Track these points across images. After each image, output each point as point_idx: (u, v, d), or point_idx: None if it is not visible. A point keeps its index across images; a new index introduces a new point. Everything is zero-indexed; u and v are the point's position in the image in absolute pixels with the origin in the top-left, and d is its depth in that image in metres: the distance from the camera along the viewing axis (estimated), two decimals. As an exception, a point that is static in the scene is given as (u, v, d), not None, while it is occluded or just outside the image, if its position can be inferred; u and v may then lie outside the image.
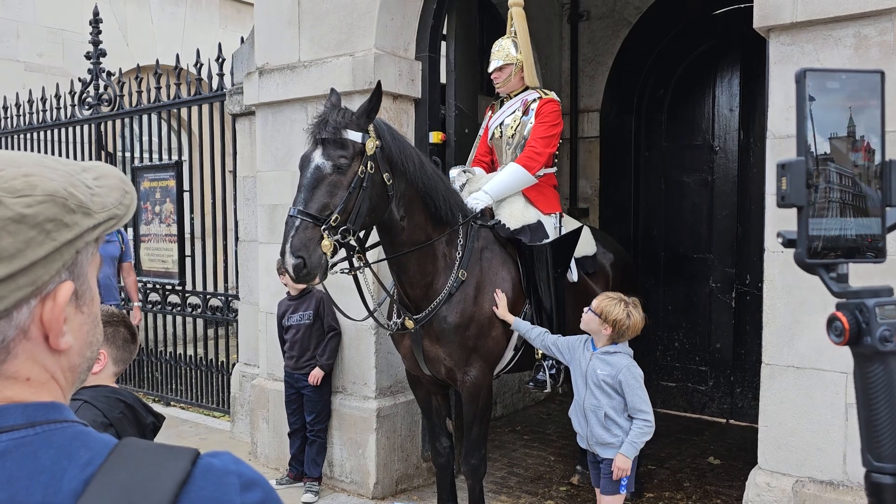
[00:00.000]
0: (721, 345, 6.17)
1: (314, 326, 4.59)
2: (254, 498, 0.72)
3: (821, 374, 3.01)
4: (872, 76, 0.74)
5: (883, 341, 0.70)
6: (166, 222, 6.58)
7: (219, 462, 0.73)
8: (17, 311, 0.70)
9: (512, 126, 4.11)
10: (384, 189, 3.24)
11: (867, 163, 0.73)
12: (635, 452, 3.27)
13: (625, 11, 6.53)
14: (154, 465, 0.70)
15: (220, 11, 11.23)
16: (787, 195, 0.73)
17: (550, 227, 3.92)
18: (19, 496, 0.65)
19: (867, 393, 0.72)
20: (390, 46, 4.49)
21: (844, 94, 0.73)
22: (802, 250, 0.73)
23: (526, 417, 6.33)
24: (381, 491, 4.53)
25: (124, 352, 2.15)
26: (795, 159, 0.72)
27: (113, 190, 0.79)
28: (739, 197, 6.02)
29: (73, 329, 0.75)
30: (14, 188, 0.69)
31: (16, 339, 0.71)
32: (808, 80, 0.72)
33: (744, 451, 5.20)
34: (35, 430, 0.69)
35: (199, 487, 0.69)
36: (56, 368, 0.75)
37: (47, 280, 0.71)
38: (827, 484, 3.03)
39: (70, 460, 0.68)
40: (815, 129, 0.72)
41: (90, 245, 0.77)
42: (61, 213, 0.72)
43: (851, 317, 0.72)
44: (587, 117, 6.74)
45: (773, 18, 3.03)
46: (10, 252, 0.68)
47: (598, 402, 3.28)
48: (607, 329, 3.25)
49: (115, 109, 6.98)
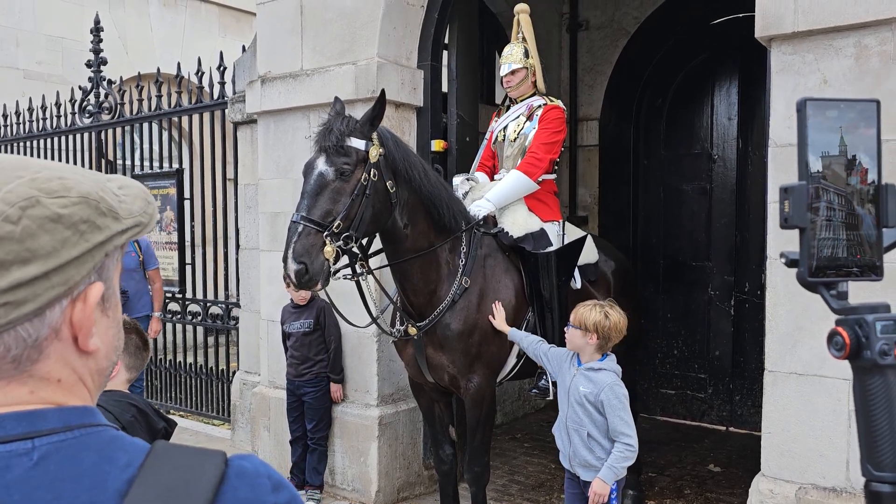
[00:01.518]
0: (720, 352, 6.19)
1: (313, 334, 4.58)
2: (283, 499, 0.75)
3: (823, 380, 3.03)
4: (869, 105, 0.79)
5: (882, 355, 0.74)
6: (167, 230, 6.58)
7: (249, 464, 0.76)
8: (50, 310, 0.71)
9: (515, 130, 4.13)
10: (387, 196, 3.26)
11: (864, 186, 0.77)
12: (615, 478, 3.07)
13: (623, 21, 6.58)
14: (191, 467, 0.72)
15: (220, 20, 11.27)
16: (789, 217, 0.78)
17: (553, 234, 3.94)
18: (65, 498, 0.67)
19: (867, 405, 0.75)
20: (393, 55, 4.52)
21: (843, 122, 0.77)
22: (804, 269, 0.78)
23: (526, 425, 6.34)
24: (382, 499, 4.53)
25: (136, 359, 2.17)
26: (797, 184, 0.77)
27: (136, 199, 0.81)
28: (738, 205, 6.05)
29: (100, 332, 0.77)
30: (51, 189, 0.71)
31: (48, 338, 0.72)
32: (809, 109, 0.76)
33: (744, 458, 5.22)
34: (73, 433, 0.71)
35: (234, 488, 0.72)
36: (84, 371, 0.77)
37: (79, 280, 0.72)
38: (830, 490, 3.04)
39: (110, 463, 0.70)
40: (816, 155, 0.76)
41: (117, 250, 0.79)
42: (94, 215, 0.74)
43: (852, 332, 0.75)
44: (586, 126, 6.78)
45: (774, 28, 3.07)
46: (47, 250, 0.69)
47: (580, 421, 3.14)
48: (592, 338, 3.11)
49: (116, 118, 6.99)
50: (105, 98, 7.11)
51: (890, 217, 0.77)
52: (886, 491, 0.72)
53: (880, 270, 0.77)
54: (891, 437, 0.73)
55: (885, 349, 0.73)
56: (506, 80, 4.14)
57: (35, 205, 0.70)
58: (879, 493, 0.72)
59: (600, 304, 3.19)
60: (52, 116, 7.68)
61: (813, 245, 0.76)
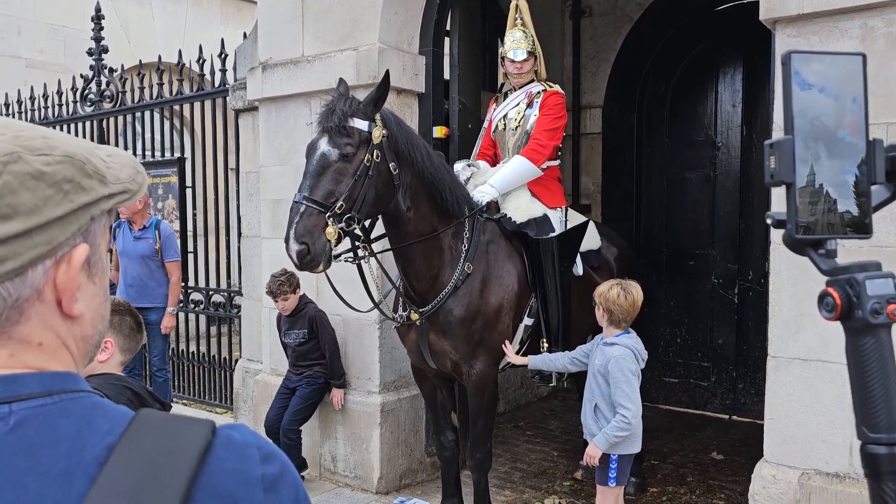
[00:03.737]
0: (723, 341, 6.17)
1: (309, 343, 4.59)
2: (273, 470, 0.72)
3: (826, 366, 3.02)
4: (855, 58, 0.77)
5: (874, 314, 0.72)
6: (168, 218, 6.57)
7: (238, 434, 0.73)
8: (32, 270, 0.69)
9: (515, 118, 4.10)
10: (390, 178, 3.24)
11: (853, 140, 0.74)
12: (606, 445, 3.22)
13: (627, 8, 6.53)
14: (175, 435, 0.70)
15: (222, 9, 11.23)
16: (775, 173, 0.75)
17: (556, 221, 3.92)
18: (42, 464, 0.65)
19: (860, 366, 0.73)
20: (394, 41, 4.49)
21: (829, 75, 0.75)
22: (792, 226, 0.75)
23: (529, 413, 6.34)
24: (384, 486, 4.53)
25: (131, 341, 2.16)
26: (784, 138, 0.75)
27: (125, 167, 0.80)
28: (742, 193, 6.02)
29: (85, 298, 0.75)
30: (34, 147, 0.70)
31: (29, 299, 0.70)
32: (794, 62, 0.74)
33: (746, 446, 5.21)
34: (53, 399, 0.69)
35: (220, 458, 0.70)
36: (68, 336, 0.75)
37: (63, 241, 0.71)
38: (833, 476, 3.03)
39: (90, 430, 0.68)
40: (801, 109, 0.74)
41: (104, 216, 0.77)
42: (78, 175, 0.72)
43: (842, 292, 0.73)
44: (589, 114, 6.74)
45: (779, 10, 3.03)
46: (28, 207, 0.68)
47: (592, 392, 3.34)
48: (603, 313, 3.31)
49: (118, 106, 6.98)
50: (106, 86, 7.09)
51: (878, 173, 0.75)
52: (883, 453, 0.71)
53: (869, 228, 0.75)
54: (884, 398, 0.71)
55: (876, 308, 0.71)
56: (516, 68, 4.07)
57: (17, 160, 0.68)
58: (876, 454, 0.71)
59: (618, 283, 3.35)
60: (53, 105, 7.66)
61: (800, 201, 0.74)
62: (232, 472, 0.69)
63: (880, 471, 0.70)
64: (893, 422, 0.71)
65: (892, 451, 0.70)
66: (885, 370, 0.71)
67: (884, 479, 0.70)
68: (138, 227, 5.62)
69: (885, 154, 0.75)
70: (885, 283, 0.72)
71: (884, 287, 0.72)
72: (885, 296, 0.72)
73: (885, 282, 0.72)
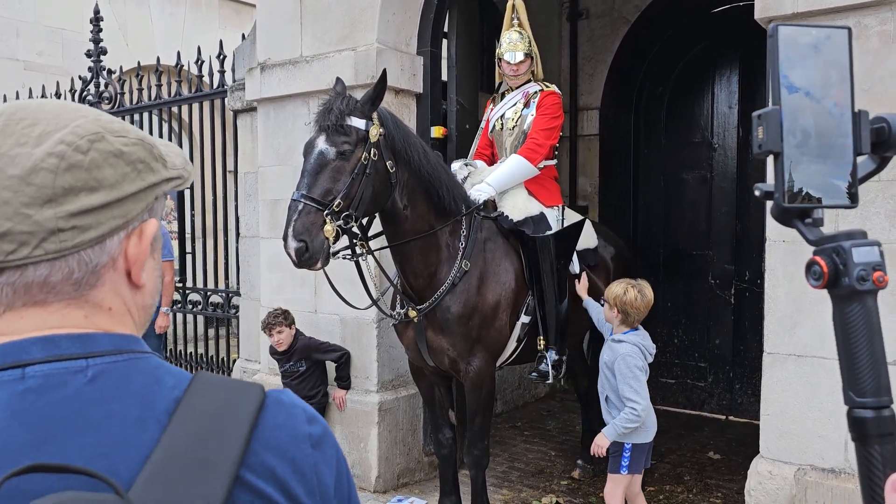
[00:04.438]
0: (720, 341, 6.19)
1: (308, 372, 4.54)
2: (317, 430, 0.81)
3: (822, 361, 3.03)
4: (841, 31, 0.78)
5: (860, 281, 0.73)
6: (167, 219, 6.59)
7: (286, 397, 0.82)
8: (110, 239, 0.77)
9: (513, 118, 4.12)
10: (387, 177, 3.25)
11: (839, 111, 0.76)
12: (614, 435, 3.37)
13: (624, 9, 6.56)
14: (234, 393, 0.78)
15: (220, 12, 11.25)
16: (763, 143, 0.76)
17: (553, 219, 3.94)
18: (118, 412, 0.72)
19: (847, 332, 0.74)
20: (392, 41, 4.52)
21: (815, 48, 0.77)
22: (779, 196, 0.76)
23: (526, 413, 6.35)
24: (382, 485, 4.54)
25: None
26: (771, 108, 0.76)
27: (178, 156, 0.88)
28: (738, 194, 6.04)
29: (147, 270, 0.83)
30: (114, 129, 0.79)
31: (105, 266, 0.77)
32: (780, 35, 0.75)
33: (743, 445, 5.22)
34: (123, 356, 0.76)
35: (272, 415, 0.78)
36: (132, 304, 0.82)
37: (135, 216, 0.79)
38: (829, 471, 3.05)
39: (159, 384, 0.76)
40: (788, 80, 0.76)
41: (163, 197, 0.85)
42: (148, 157, 0.81)
43: (829, 260, 0.74)
44: (587, 115, 6.77)
45: (773, 9, 3.06)
46: (111, 182, 0.76)
47: (603, 385, 3.49)
48: (615, 313, 3.43)
49: (116, 108, 6.98)
50: (105, 88, 7.10)
51: (863, 144, 0.77)
52: (869, 416, 0.72)
53: (855, 198, 0.76)
54: (871, 363, 0.73)
55: (862, 275, 0.72)
56: (512, 70, 4.10)
57: (101, 139, 0.76)
58: (863, 418, 0.72)
59: (630, 283, 3.46)
60: (52, 107, 7.66)
61: (787, 170, 0.75)
62: (284, 427, 0.78)
63: (867, 434, 0.72)
64: (880, 386, 0.72)
65: (878, 415, 0.72)
66: (871, 336, 0.73)
67: (870, 443, 0.72)
68: None
69: (870, 126, 0.77)
70: (871, 251, 0.74)
71: (869, 254, 0.73)
72: (871, 263, 0.73)
73: (871, 249, 0.74)
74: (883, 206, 2.90)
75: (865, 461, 0.71)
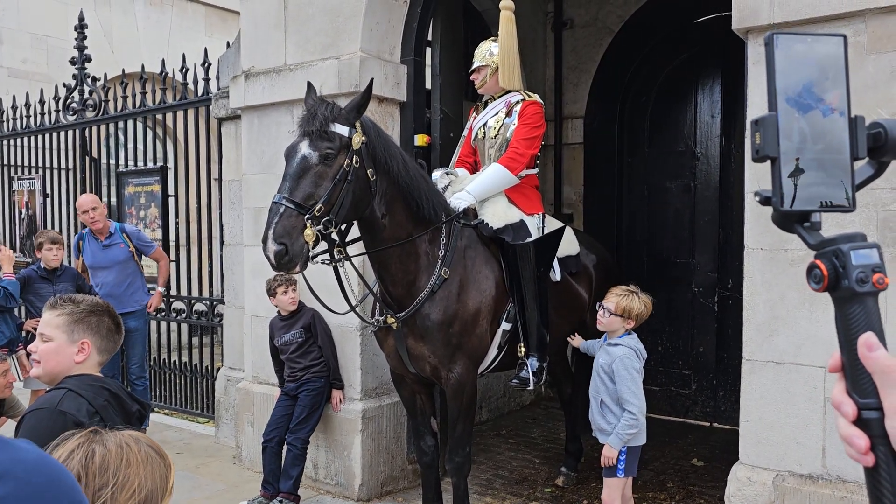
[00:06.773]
0: (704, 348, 6.22)
1: (307, 343, 4.48)
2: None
3: (799, 368, 3.06)
4: (837, 38, 0.80)
5: (860, 283, 0.73)
6: (151, 227, 6.56)
7: None
8: None
9: (495, 127, 4.15)
10: (368, 184, 3.26)
11: (836, 116, 0.77)
12: (620, 444, 3.41)
13: (608, 20, 6.62)
14: None
15: (206, 20, 11.26)
16: (760, 148, 0.78)
17: (533, 226, 3.96)
18: None
19: (849, 334, 0.75)
20: (376, 50, 4.53)
21: (811, 55, 0.78)
22: (777, 201, 0.77)
23: (511, 422, 6.35)
24: (366, 493, 4.53)
25: (108, 342, 2.15)
26: (768, 114, 0.77)
27: None
28: (721, 202, 6.09)
29: None
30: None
31: None
32: (777, 42, 0.76)
33: (727, 452, 5.23)
34: None
35: None
36: None
37: None
38: (806, 477, 3.07)
39: None
40: (785, 87, 0.77)
41: None
42: None
43: (829, 263, 0.75)
44: (571, 124, 6.81)
45: (750, 20, 3.10)
46: None
47: (597, 389, 3.50)
48: (624, 321, 3.50)
49: (100, 115, 6.97)
50: (89, 95, 7.09)
51: (860, 149, 0.78)
52: (874, 417, 0.73)
53: (852, 202, 0.77)
54: None
55: (862, 277, 0.73)
56: (472, 77, 4.25)
57: None
58: (868, 420, 0.73)
59: (633, 291, 3.55)
60: (36, 114, 7.65)
61: (785, 175, 0.76)
62: None
63: (872, 434, 0.72)
64: None
65: (882, 416, 0.72)
66: None
67: (875, 443, 0.72)
68: (104, 237, 5.62)
69: (867, 131, 0.78)
70: (870, 253, 0.74)
71: (868, 257, 0.74)
72: (870, 265, 0.74)
73: (870, 252, 0.74)
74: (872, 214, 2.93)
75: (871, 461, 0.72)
